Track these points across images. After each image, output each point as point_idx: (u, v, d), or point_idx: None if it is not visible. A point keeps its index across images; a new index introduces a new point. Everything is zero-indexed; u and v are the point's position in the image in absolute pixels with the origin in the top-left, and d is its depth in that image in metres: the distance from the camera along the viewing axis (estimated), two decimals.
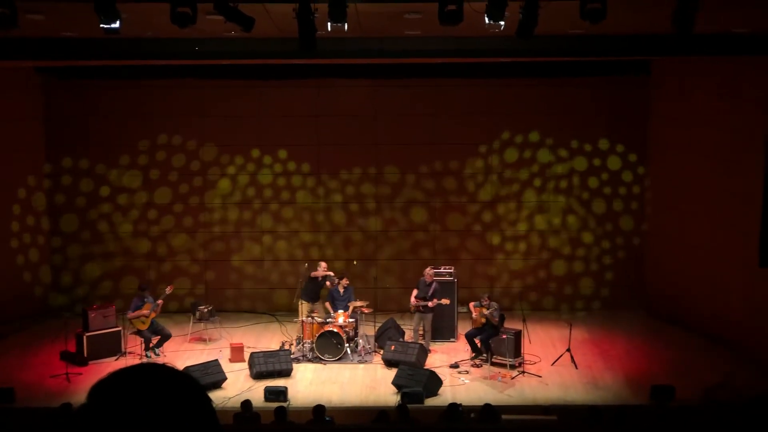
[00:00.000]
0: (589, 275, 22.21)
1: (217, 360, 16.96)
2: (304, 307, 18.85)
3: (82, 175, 22.00)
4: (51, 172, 21.92)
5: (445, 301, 18.38)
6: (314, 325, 18.21)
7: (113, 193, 22.08)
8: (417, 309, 18.51)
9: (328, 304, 18.88)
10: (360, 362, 17.96)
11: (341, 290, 18.93)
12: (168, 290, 18.80)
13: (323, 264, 19.42)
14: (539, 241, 22.24)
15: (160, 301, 18.35)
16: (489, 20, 12.51)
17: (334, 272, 19.38)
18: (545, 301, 22.21)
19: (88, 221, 22.15)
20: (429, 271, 18.84)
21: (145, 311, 18.04)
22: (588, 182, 21.99)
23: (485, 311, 17.58)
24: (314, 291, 19.20)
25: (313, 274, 19.23)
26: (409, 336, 19.07)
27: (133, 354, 18.36)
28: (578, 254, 22.23)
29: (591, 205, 22.05)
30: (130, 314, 18.10)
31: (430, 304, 18.24)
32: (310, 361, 17.93)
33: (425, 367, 17.05)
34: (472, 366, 17.73)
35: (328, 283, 19.10)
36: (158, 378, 2.03)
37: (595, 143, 21.87)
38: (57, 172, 21.95)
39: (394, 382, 16.32)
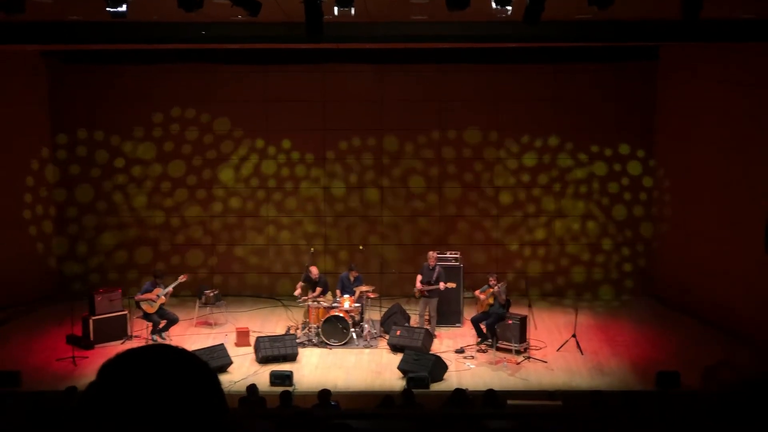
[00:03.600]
0: (599, 262, 22.22)
1: (222, 344, 16.97)
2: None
3: (83, 163, 22.06)
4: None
5: (451, 285, 18.38)
6: (320, 310, 18.24)
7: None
8: (422, 294, 18.53)
9: (338, 291, 18.91)
10: (365, 347, 17.98)
11: (351, 278, 18.96)
12: (181, 278, 18.81)
13: (314, 269, 19.42)
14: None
15: (170, 289, 18.39)
16: (496, 5, 12.49)
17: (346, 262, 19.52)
18: (553, 286, 22.22)
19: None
20: (432, 254, 18.84)
21: (153, 295, 18.07)
22: (596, 170, 21.99)
23: (495, 289, 17.59)
24: (312, 285, 19.25)
25: (312, 271, 19.28)
26: (414, 321, 19.08)
27: (139, 338, 18.41)
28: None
29: (600, 197, 22.06)
30: (138, 296, 18.15)
31: (440, 286, 18.20)
32: (315, 345, 17.95)
33: (431, 352, 17.05)
34: (478, 351, 17.73)
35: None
36: (168, 358, 2.03)
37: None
38: (67, 148, 22.01)
39: (399, 367, 16.34)
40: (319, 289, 19.08)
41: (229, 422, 2.04)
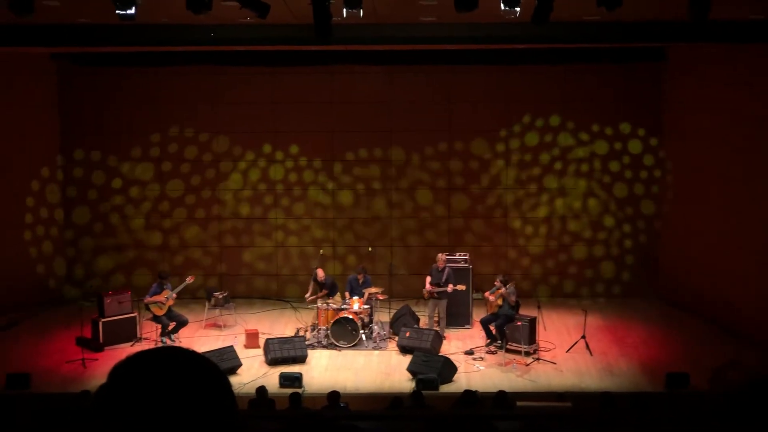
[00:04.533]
0: (609, 259, 22.24)
1: (232, 346, 16.98)
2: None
3: (94, 166, 22.10)
4: (64, 163, 22.00)
5: (461, 287, 18.38)
6: (329, 312, 18.25)
7: (125, 185, 22.19)
8: (431, 296, 18.52)
9: (347, 294, 18.92)
10: (375, 349, 17.98)
11: (360, 280, 18.96)
12: (189, 280, 18.85)
13: (320, 272, 19.42)
14: (560, 225, 22.28)
15: (178, 290, 18.40)
16: (504, 6, 12.49)
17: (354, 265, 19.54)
18: (563, 285, 22.24)
19: (100, 214, 22.24)
20: (441, 256, 18.86)
21: (161, 297, 18.09)
22: (609, 166, 22.02)
23: (503, 291, 17.58)
24: (319, 287, 19.26)
25: (318, 273, 19.29)
26: (424, 322, 19.07)
27: (149, 340, 18.41)
28: (599, 237, 22.25)
29: (612, 188, 22.09)
30: (147, 299, 18.17)
31: (448, 288, 18.21)
32: (324, 347, 17.96)
33: (440, 354, 17.05)
34: (487, 353, 17.70)
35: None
36: (178, 361, 2.04)
37: (613, 127, 21.86)
38: (70, 163, 22.04)
39: (408, 369, 16.33)
40: (325, 291, 19.09)
41: (240, 424, 2.04)
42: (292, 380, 15.66)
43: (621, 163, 21.99)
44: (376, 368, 16.98)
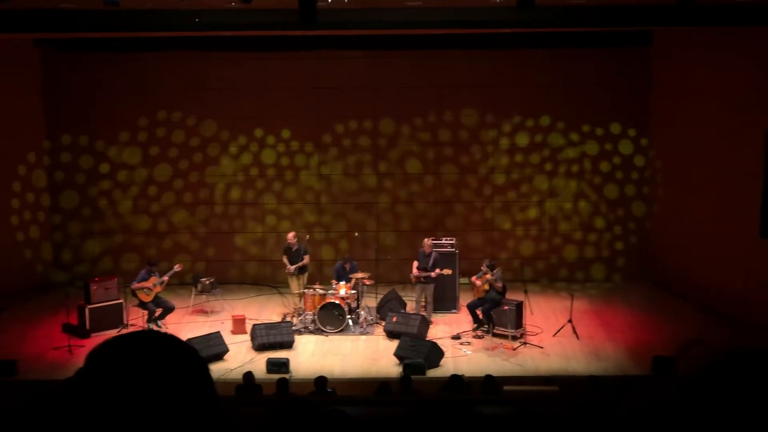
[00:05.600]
0: (597, 252, 22.26)
1: (218, 332, 16.98)
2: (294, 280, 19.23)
3: (81, 151, 21.99)
4: (51, 148, 21.90)
5: (447, 271, 18.40)
6: (316, 297, 18.24)
7: (113, 170, 22.09)
8: (418, 280, 18.54)
9: (333, 281, 18.90)
10: (362, 334, 18.00)
11: (347, 268, 18.93)
12: (177, 268, 18.77)
13: (290, 235, 19.50)
14: (548, 221, 22.28)
15: (165, 278, 18.36)
16: None
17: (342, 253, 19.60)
18: (549, 275, 22.25)
19: (88, 198, 22.15)
20: (427, 241, 18.86)
21: (149, 284, 18.05)
22: (597, 162, 22.00)
23: (489, 276, 17.59)
24: (297, 260, 19.31)
25: (288, 238, 19.42)
26: (410, 307, 19.08)
27: (135, 326, 18.39)
28: (587, 237, 22.25)
29: (602, 186, 22.08)
30: (135, 285, 18.13)
31: (432, 274, 18.27)
32: (311, 332, 17.96)
33: (427, 339, 17.07)
34: (474, 337, 17.75)
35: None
36: (156, 345, 2.02)
37: (600, 123, 21.84)
38: (57, 149, 21.93)
39: (395, 354, 16.35)
40: (307, 257, 19.20)
41: (219, 409, 2.02)
42: (279, 366, 15.67)
43: (610, 163, 21.99)
44: (363, 353, 17.00)
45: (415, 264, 18.65)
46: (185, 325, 18.76)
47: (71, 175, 22.07)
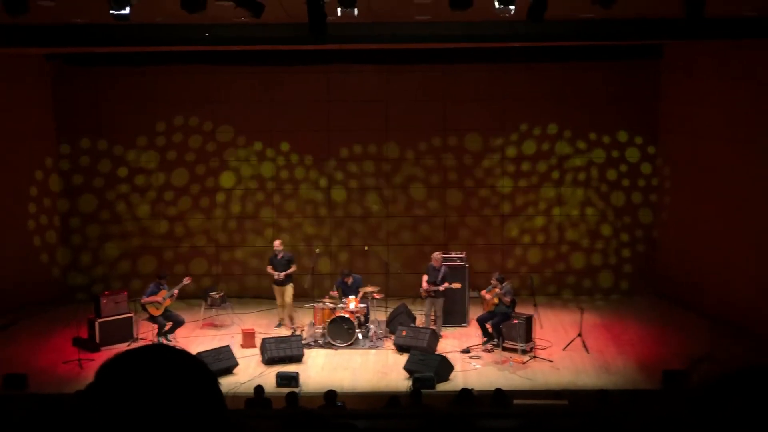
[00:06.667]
0: (605, 260, 22.23)
1: (228, 346, 16.99)
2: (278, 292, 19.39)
3: (97, 157, 22.03)
4: (68, 153, 21.98)
5: (456, 285, 18.40)
6: (325, 311, 18.25)
7: (131, 175, 22.09)
8: (428, 294, 18.53)
9: (336, 293, 18.92)
10: (371, 347, 17.99)
11: (348, 282, 18.91)
12: (186, 281, 18.78)
13: (276, 242, 19.60)
14: (555, 229, 22.25)
15: (175, 291, 18.39)
16: (499, 5, 12.48)
17: (342, 266, 19.58)
18: (557, 283, 22.21)
19: (106, 202, 22.18)
20: (437, 255, 18.86)
21: (158, 297, 18.08)
22: (606, 173, 21.98)
23: (499, 290, 17.59)
24: (282, 268, 19.37)
25: (275, 245, 19.53)
26: (420, 321, 19.07)
27: (145, 340, 18.39)
28: (594, 244, 22.22)
29: (609, 195, 22.06)
30: (144, 299, 18.15)
31: (441, 288, 18.27)
32: (321, 346, 17.96)
33: (436, 353, 17.05)
34: (484, 351, 17.73)
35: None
36: (165, 359, 2.03)
37: (607, 131, 21.83)
38: (74, 154, 22.00)
39: (405, 368, 16.34)
40: (293, 267, 19.31)
41: (229, 423, 2.03)
42: (288, 380, 15.67)
43: (618, 171, 21.97)
44: (372, 367, 16.99)
45: (425, 278, 18.64)
46: (195, 338, 18.76)
47: (88, 180, 22.09)
